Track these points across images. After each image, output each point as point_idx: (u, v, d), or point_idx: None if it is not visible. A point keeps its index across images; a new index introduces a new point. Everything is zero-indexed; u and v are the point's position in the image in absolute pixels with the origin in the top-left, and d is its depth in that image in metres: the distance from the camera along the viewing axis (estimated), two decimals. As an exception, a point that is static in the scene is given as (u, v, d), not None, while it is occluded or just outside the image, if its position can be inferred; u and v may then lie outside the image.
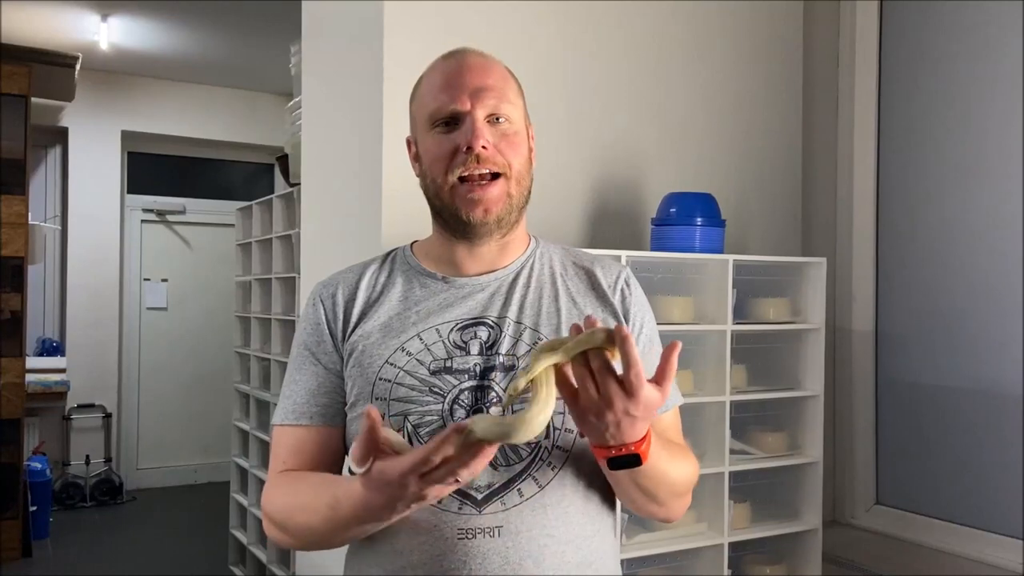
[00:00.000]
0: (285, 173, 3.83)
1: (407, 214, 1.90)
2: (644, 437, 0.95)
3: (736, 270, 2.12)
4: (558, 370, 0.92)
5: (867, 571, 2.34)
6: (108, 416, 5.83)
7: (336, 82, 2.32)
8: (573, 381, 0.92)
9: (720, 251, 2.17)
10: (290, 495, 1.07)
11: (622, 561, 1.96)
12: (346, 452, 1.12)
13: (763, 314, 2.24)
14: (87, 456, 5.72)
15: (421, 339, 1.09)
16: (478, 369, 1.06)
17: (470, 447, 0.84)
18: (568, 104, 2.22)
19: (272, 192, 4.51)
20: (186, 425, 6.21)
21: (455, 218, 1.10)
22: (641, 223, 2.31)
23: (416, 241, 1.23)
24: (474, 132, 1.06)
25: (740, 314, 2.16)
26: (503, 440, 0.88)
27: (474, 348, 1.08)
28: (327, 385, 1.11)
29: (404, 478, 0.86)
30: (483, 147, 1.06)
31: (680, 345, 0.91)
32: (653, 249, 2.18)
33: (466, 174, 1.07)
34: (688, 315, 2.12)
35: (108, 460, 5.81)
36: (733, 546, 2.13)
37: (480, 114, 1.08)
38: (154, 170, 6.37)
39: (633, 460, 0.95)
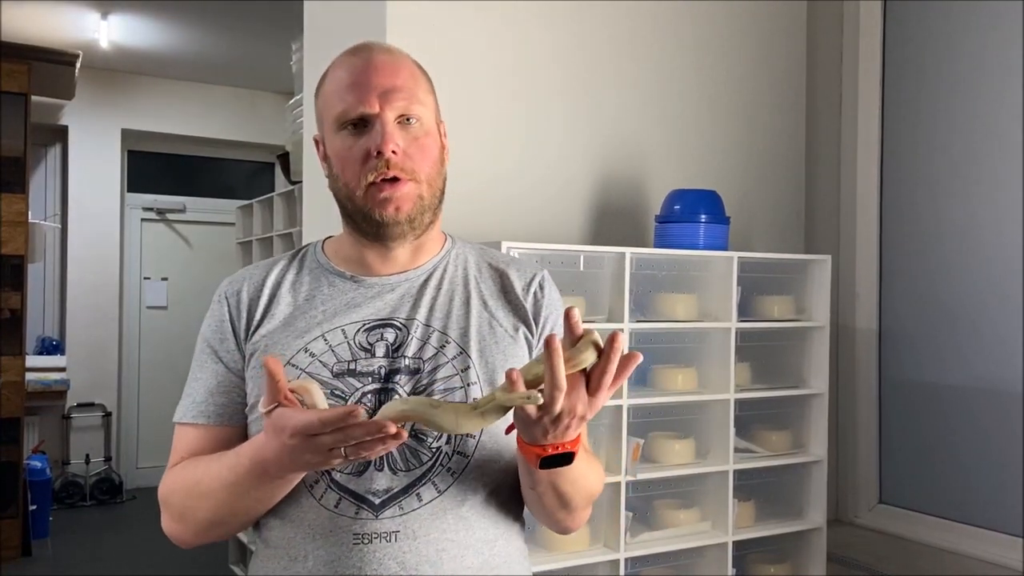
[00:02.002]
0: (286, 171, 3.82)
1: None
2: (577, 437, 0.95)
3: (740, 267, 2.11)
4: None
5: (871, 570, 2.33)
6: (108, 415, 5.82)
7: (338, 79, 2.30)
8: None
9: (724, 248, 2.16)
10: (190, 473, 1.04)
11: (626, 560, 1.96)
12: None
13: (767, 312, 2.23)
14: (87, 455, 5.71)
15: (326, 340, 1.06)
16: (383, 372, 1.04)
17: (372, 429, 0.84)
18: (571, 101, 2.22)
19: (272, 190, 4.51)
20: (186, 424, 6.19)
21: (367, 220, 1.07)
22: (645, 220, 2.30)
23: (329, 238, 1.20)
24: (384, 137, 1.03)
25: (744, 312, 2.15)
26: (425, 420, 0.89)
27: (380, 350, 1.05)
28: (226, 384, 1.09)
29: (295, 433, 0.86)
30: (392, 151, 1.03)
31: (640, 358, 0.91)
32: (656, 246, 2.18)
33: (377, 179, 1.04)
34: (692, 313, 2.11)
35: (108, 459, 5.80)
36: (737, 545, 2.12)
37: (390, 116, 1.04)
38: (154, 168, 6.36)
39: (565, 459, 0.94)
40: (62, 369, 5.42)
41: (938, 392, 2.36)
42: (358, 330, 1.07)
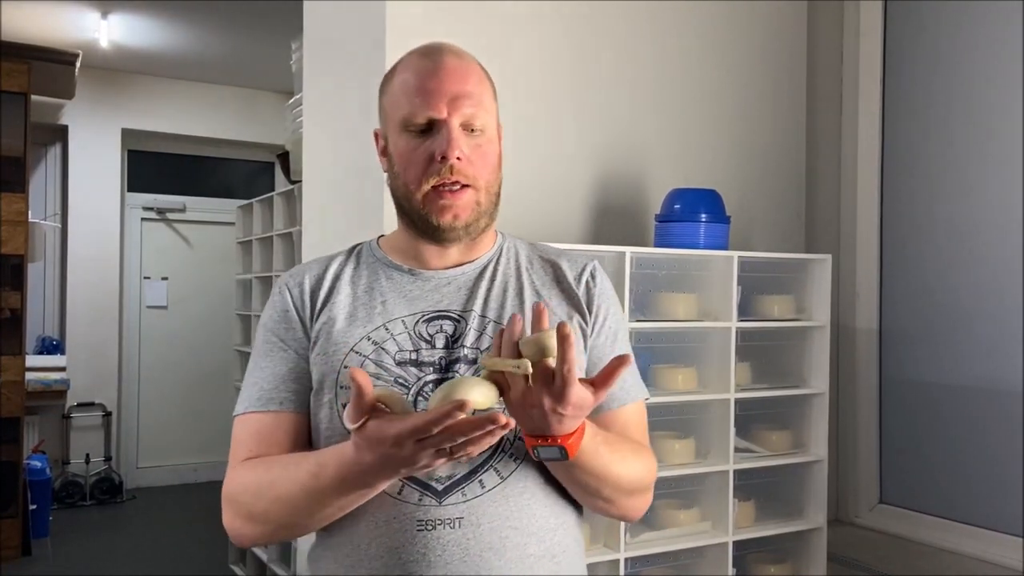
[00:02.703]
0: (286, 170, 3.82)
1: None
2: (574, 432, 0.94)
3: (741, 267, 2.11)
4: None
5: (871, 570, 2.33)
6: (108, 415, 5.82)
7: (337, 79, 2.30)
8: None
9: (724, 248, 2.16)
10: (263, 473, 1.03)
11: (626, 560, 1.96)
12: (310, 441, 1.10)
13: (768, 311, 2.23)
14: (87, 455, 5.71)
15: (387, 329, 1.08)
16: (443, 362, 1.06)
17: (478, 425, 0.84)
18: (572, 101, 2.21)
19: (273, 190, 4.51)
20: (186, 424, 6.19)
21: (424, 222, 1.09)
22: (645, 219, 2.29)
23: (382, 236, 1.23)
24: (450, 143, 1.05)
25: (745, 311, 2.15)
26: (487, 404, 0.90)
27: (440, 341, 1.08)
28: (297, 370, 1.09)
29: (400, 440, 0.86)
30: (457, 158, 1.05)
31: (630, 360, 0.91)
32: (657, 245, 2.17)
33: (439, 183, 1.06)
34: (692, 312, 2.11)
35: (108, 459, 5.79)
36: (737, 545, 2.12)
37: (456, 122, 1.06)
38: (154, 168, 6.36)
39: (558, 452, 0.95)
40: (62, 369, 5.42)
41: (938, 392, 2.36)
42: (417, 321, 1.09)
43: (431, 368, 1.05)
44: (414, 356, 1.06)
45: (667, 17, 2.35)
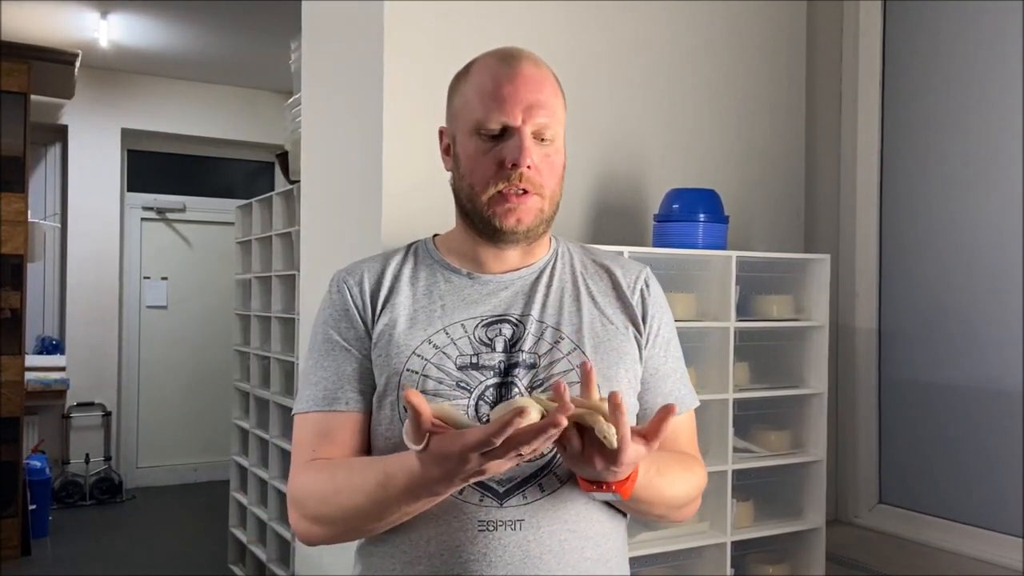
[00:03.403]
0: (285, 170, 3.82)
1: (407, 212, 1.88)
2: (627, 479, 0.96)
3: (739, 267, 2.11)
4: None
5: (871, 570, 2.33)
6: (108, 414, 5.82)
7: (336, 79, 2.30)
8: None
9: (723, 247, 2.15)
10: (328, 479, 1.04)
11: (624, 560, 1.96)
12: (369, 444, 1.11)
13: (766, 311, 2.23)
14: (87, 454, 5.71)
15: (447, 333, 1.09)
16: (502, 366, 1.07)
17: (540, 431, 0.84)
18: (570, 99, 2.20)
19: (272, 190, 4.51)
20: (186, 423, 6.20)
21: (486, 224, 1.10)
22: (643, 219, 2.29)
23: (437, 235, 1.23)
24: (522, 152, 1.06)
25: (743, 311, 2.15)
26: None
27: (499, 345, 1.09)
28: (360, 371, 1.10)
29: (465, 454, 0.87)
30: (528, 166, 1.07)
31: (676, 409, 0.92)
32: (655, 245, 2.17)
33: (507, 189, 1.07)
34: (691, 312, 2.10)
35: (108, 458, 5.80)
36: (736, 545, 2.11)
37: (528, 131, 1.08)
38: (154, 168, 6.36)
39: (612, 497, 0.97)
40: (62, 368, 5.42)
41: (938, 392, 2.35)
42: (476, 325, 1.10)
43: (491, 372, 1.06)
44: (475, 360, 1.07)
45: (666, 17, 2.35)
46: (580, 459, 0.93)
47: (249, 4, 4.35)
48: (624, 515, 1.15)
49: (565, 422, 0.84)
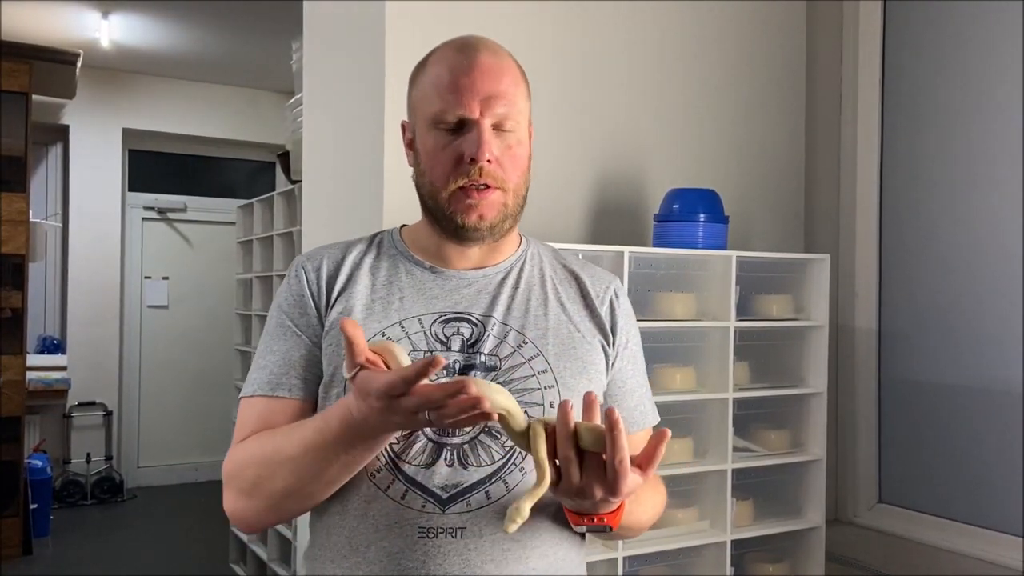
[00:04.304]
0: (286, 170, 3.83)
1: (408, 211, 1.88)
2: (616, 509, 0.94)
3: (739, 266, 2.11)
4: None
5: (870, 570, 2.33)
6: (109, 414, 5.83)
7: (338, 79, 2.31)
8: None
9: (723, 247, 2.16)
10: (264, 443, 1.01)
11: (624, 559, 1.96)
12: None
13: (766, 311, 2.23)
14: (88, 454, 5.72)
15: (403, 327, 1.05)
16: (458, 366, 1.03)
17: (462, 401, 0.83)
18: (570, 99, 2.22)
19: (273, 189, 4.51)
20: (187, 423, 6.21)
21: (448, 221, 1.06)
22: (643, 219, 2.30)
23: (405, 226, 1.19)
24: (481, 146, 1.02)
25: (743, 311, 2.15)
26: (508, 428, 0.90)
27: (455, 344, 1.05)
28: (308, 357, 1.07)
29: (380, 395, 0.84)
30: (488, 160, 1.02)
31: (669, 435, 0.89)
32: (655, 245, 2.17)
33: (467, 184, 1.03)
34: (691, 312, 2.11)
35: (109, 458, 5.80)
36: (736, 544, 2.12)
37: (488, 123, 1.03)
38: (155, 168, 6.37)
39: (604, 530, 0.95)
40: (63, 368, 5.43)
41: (938, 391, 2.36)
42: (434, 321, 1.06)
43: (444, 371, 1.02)
44: (428, 357, 1.05)
45: (666, 17, 2.35)
46: (576, 491, 0.90)
47: (250, 4, 4.35)
48: None
49: (488, 405, 0.83)
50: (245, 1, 4.32)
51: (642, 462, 0.89)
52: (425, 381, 0.84)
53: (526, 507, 0.88)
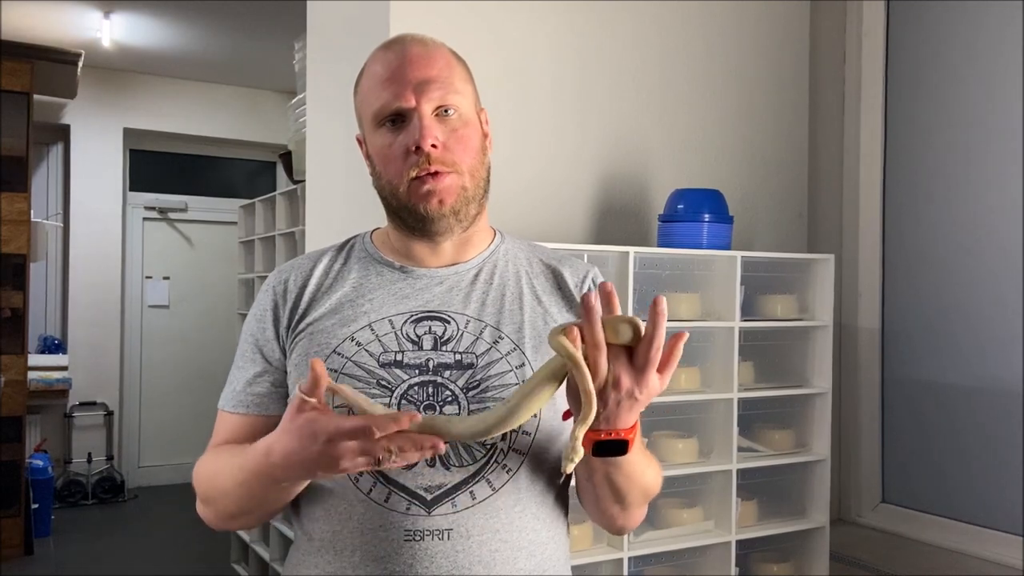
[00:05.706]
0: (288, 170, 3.82)
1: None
2: (633, 426, 0.92)
3: (743, 267, 2.11)
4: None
5: (874, 569, 2.33)
6: (110, 414, 5.83)
7: (340, 79, 2.31)
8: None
9: (727, 247, 2.16)
10: (212, 463, 1.04)
11: (629, 559, 1.97)
12: None
13: (770, 311, 2.23)
14: (89, 454, 5.71)
15: (372, 329, 1.05)
16: (431, 364, 1.02)
17: (416, 439, 0.83)
18: (574, 100, 2.22)
19: (274, 189, 4.51)
20: (188, 423, 6.19)
21: (412, 214, 1.05)
22: (648, 219, 2.30)
23: (377, 229, 1.19)
24: (422, 132, 1.01)
25: (748, 311, 2.15)
26: (484, 437, 0.89)
27: (427, 343, 1.04)
28: (264, 376, 1.07)
29: (336, 437, 0.83)
30: (432, 146, 1.02)
31: (687, 335, 0.89)
32: (660, 245, 2.18)
33: (419, 175, 1.03)
34: (695, 312, 2.11)
35: (110, 458, 5.80)
36: (740, 544, 2.12)
37: (427, 109, 1.02)
38: (156, 167, 6.36)
39: (620, 447, 0.92)
40: (64, 368, 5.43)
41: (941, 391, 2.36)
42: (405, 321, 1.05)
43: (416, 370, 1.01)
44: (398, 357, 1.02)
45: (670, 17, 2.35)
46: (603, 390, 0.88)
47: (252, 4, 4.35)
48: (565, 521, 1.11)
49: (443, 447, 0.84)
50: (247, 1, 4.31)
51: (660, 365, 0.88)
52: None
53: (579, 442, 0.87)
